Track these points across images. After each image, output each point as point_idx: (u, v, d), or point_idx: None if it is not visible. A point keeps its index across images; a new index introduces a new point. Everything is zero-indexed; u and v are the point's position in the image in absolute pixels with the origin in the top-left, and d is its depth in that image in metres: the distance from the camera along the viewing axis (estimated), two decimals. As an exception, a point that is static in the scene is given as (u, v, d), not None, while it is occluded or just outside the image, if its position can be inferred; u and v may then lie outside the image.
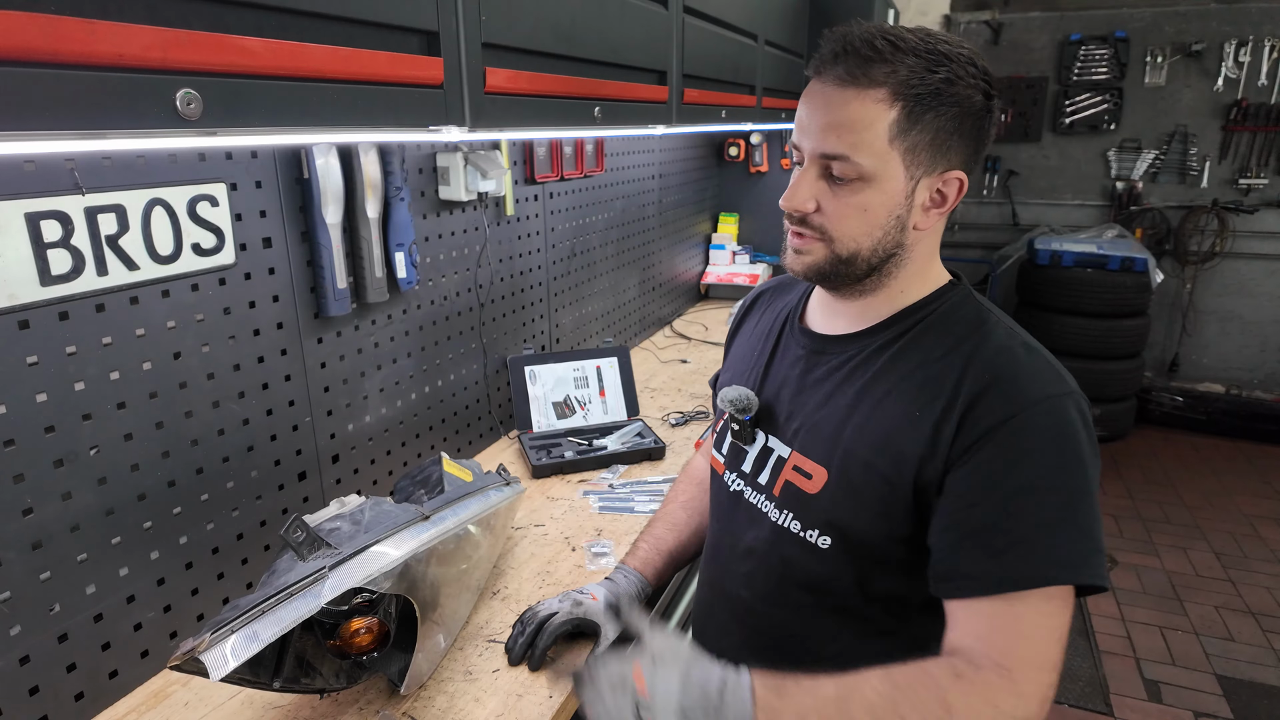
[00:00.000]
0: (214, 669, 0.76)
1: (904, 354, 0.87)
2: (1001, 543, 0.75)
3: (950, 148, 0.81)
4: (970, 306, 0.88)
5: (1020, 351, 0.82)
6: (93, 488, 1.01)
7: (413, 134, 1.00)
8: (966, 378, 0.80)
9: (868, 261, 0.85)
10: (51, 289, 0.93)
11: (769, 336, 1.04)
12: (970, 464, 0.77)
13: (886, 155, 0.80)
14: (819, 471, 0.88)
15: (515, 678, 1.09)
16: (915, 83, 0.78)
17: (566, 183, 2.15)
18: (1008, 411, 0.76)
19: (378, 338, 1.51)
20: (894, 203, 0.82)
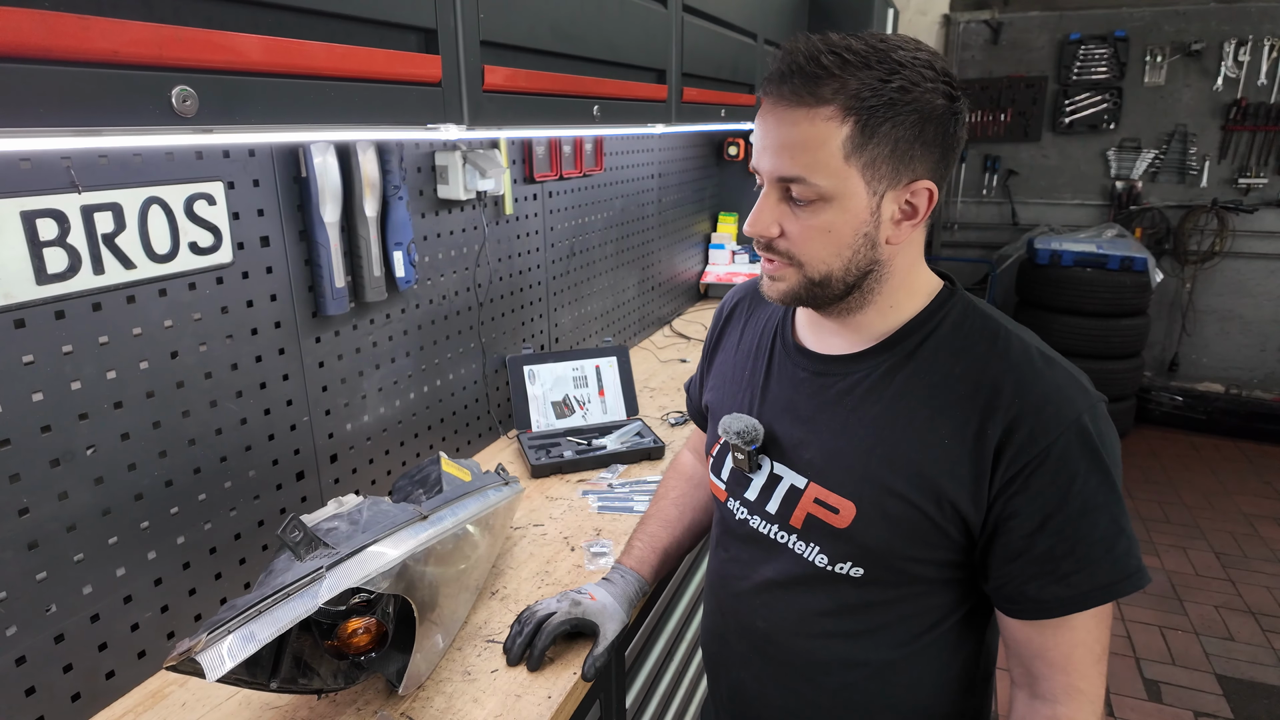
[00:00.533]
0: (210, 670, 0.76)
1: (918, 376, 0.84)
2: (1067, 567, 0.78)
3: (913, 157, 0.77)
4: (975, 317, 0.86)
5: (1041, 365, 0.80)
6: (89, 487, 1.01)
7: (411, 132, 0.99)
8: (998, 404, 0.78)
9: (843, 281, 0.82)
10: (47, 288, 0.93)
11: (758, 354, 1.00)
12: (1021, 495, 0.78)
13: (844, 173, 0.76)
14: (846, 505, 0.86)
15: (514, 678, 1.08)
16: (867, 95, 0.74)
17: (565, 182, 2.15)
18: (1047, 439, 0.76)
19: (376, 337, 1.50)
20: (859, 220, 0.79)
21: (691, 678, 1.72)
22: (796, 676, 0.95)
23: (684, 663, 1.66)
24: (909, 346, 0.85)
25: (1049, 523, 0.77)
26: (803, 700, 0.95)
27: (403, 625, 1.06)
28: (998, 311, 0.88)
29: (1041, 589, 0.79)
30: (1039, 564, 0.78)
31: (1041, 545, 0.78)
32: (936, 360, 0.84)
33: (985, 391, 0.79)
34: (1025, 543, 0.78)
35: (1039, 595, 0.79)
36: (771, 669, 0.97)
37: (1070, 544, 0.77)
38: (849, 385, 0.88)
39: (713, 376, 1.10)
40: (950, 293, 0.88)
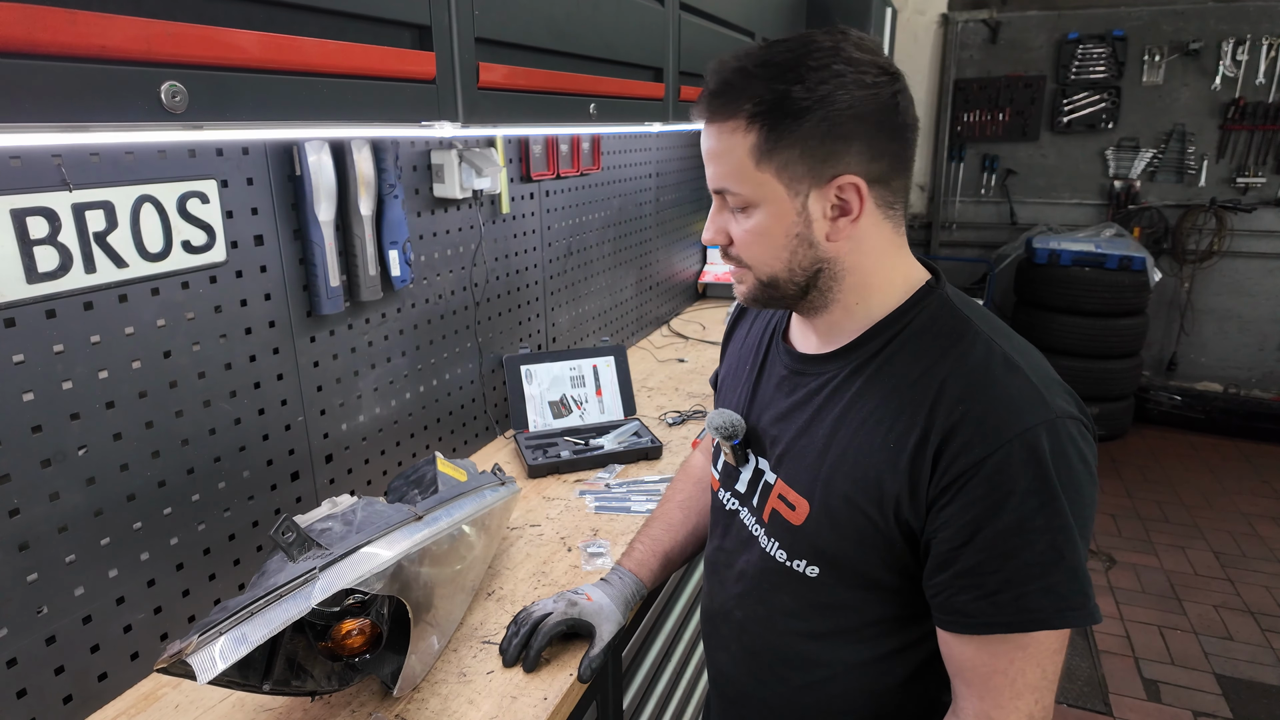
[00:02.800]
0: (201, 672, 0.75)
1: (879, 376, 0.82)
2: (993, 584, 0.74)
3: (830, 154, 0.76)
4: (947, 315, 0.82)
5: (998, 371, 0.76)
6: (81, 488, 1.00)
7: (405, 129, 0.99)
8: (940, 409, 0.76)
9: (791, 282, 0.83)
10: (38, 286, 0.92)
11: (757, 352, 1.01)
12: (953, 506, 0.74)
13: (759, 179, 0.78)
14: (801, 503, 0.87)
15: (510, 679, 1.07)
16: (768, 102, 0.75)
17: (563, 181, 2.14)
18: (984, 450, 0.72)
19: (371, 336, 1.50)
20: (788, 222, 0.79)
21: (690, 677, 1.71)
22: (766, 668, 0.97)
23: (681, 663, 1.65)
24: (875, 347, 0.84)
25: (978, 537, 0.73)
26: (771, 691, 0.97)
27: (397, 626, 1.05)
28: (982, 312, 0.85)
29: (968, 603, 0.75)
30: (966, 578, 0.75)
31: (969, 559, 0.74)
32: (897, 361, 0.82)
33: (932, 394, 0.77)
34: (953, 555, 0.75)
35: (965, 608, 0.76)
36: (746, 657, 0.99)
37: (998, 562, 0.73)
38: (818, 385, 0.88)
39: (724, 371, 1.13)
40: (929, 290, 0.85)
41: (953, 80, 4.96)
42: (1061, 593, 0.73)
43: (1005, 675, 0.76)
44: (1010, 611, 0.73)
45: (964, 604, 0.76)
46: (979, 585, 0.74)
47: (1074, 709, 2.45)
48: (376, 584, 0.92)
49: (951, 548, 0.75)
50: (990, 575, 0.73)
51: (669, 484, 1.33)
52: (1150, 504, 3.76)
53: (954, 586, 0.76)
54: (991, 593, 0.74)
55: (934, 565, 0.78)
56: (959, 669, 0.80)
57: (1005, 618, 0.74)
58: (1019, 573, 0.73)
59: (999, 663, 0.76)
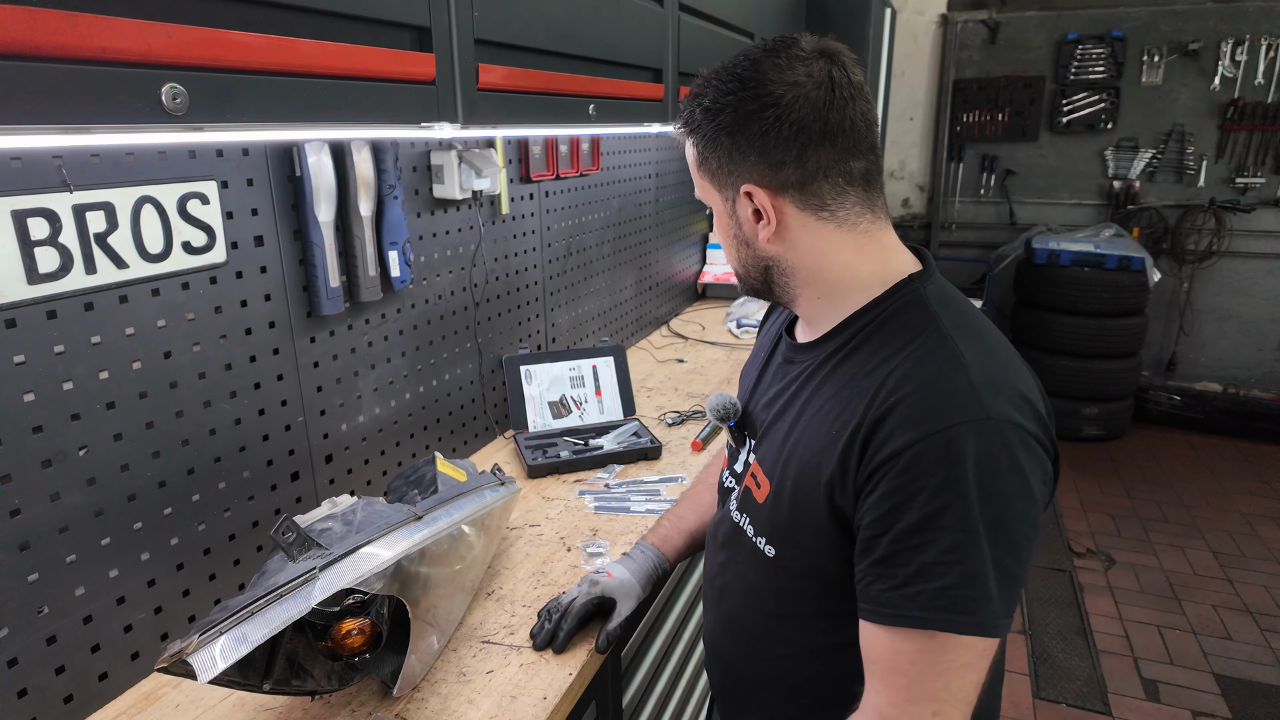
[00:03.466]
0: (202, 671, 0.75)
1: (841, 367, 0.85)
2: (902, 576, 0.73)
3: (736, 163, 0.83)
4: (915, 311, 0.82)
5: (940, 368, 0.76)
6: (82, 488, 1.00)
7: (405, 130, 0.99)
8: (876, 399, 0.76)
9: (750, 277, 0.92)
10: (39, 287, 0.92)
11: (771, 341, 1.06)
12: (874, 494, 0.75)
13: (704, 186, 0.89)
14: (765, 483, 0.91)
15: (509, 679, 1.08)
16: (697, 116, 0.85)
17: (562, 181, 2.14)
18: (904, 441, 0.72)
19: (371, 337, 1.50)
20: (726, 224, 0.89)
21: (689, 677, 1.71)
22: (737, 637, 1.01)
23: (681, 661, 1.66)
24: (845, 338, 0.86)
25: (892, 528, 0.73)
26: (741, 658, 1.01)
27: (397, 626, 1.05)
28: (959, 311, 0.83)
29: (881, 593, 0.75)
30: (881, 566, 0.75)
31: (884, 549, 0.74)
32: (861, 353, 0.83)
33: (875, 385, 0.78)
34: (873, 542, 0.76)
35: (876, 597, 0.76)
36: (721, 624, 1.04)
37: (907, 556, 0.73)
38: (798, 372, 0.93)
39: None
40: (906, 284, 0.85)
41: (952, 80, 4.97)
42: (957, 598, 0.71)
43: (906, 675, 0.75)
44: (912, 607, 0.72)
45: (878, 593, 0.75)
46: (891, 575, 0.74)
47: (1073, 709, 2.45)
48: (376, 584, 0.92)
49: (872, 535, 0.76)
50: (900, 568, 0.73)
51: (705, 468, 1.38)
52: (1149, 504, 3.76)
53: (871, 574, 0.76)
54: (900, 584, 0.73)
55: (858, 551, 0.78)
56: (868, 658, 0.79)
57: (908, 611, 0.73)
58: (924, 570, 0.72)
59: (901, 660, 0.75)
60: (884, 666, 0.77)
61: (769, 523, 0.90)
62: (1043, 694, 2.51)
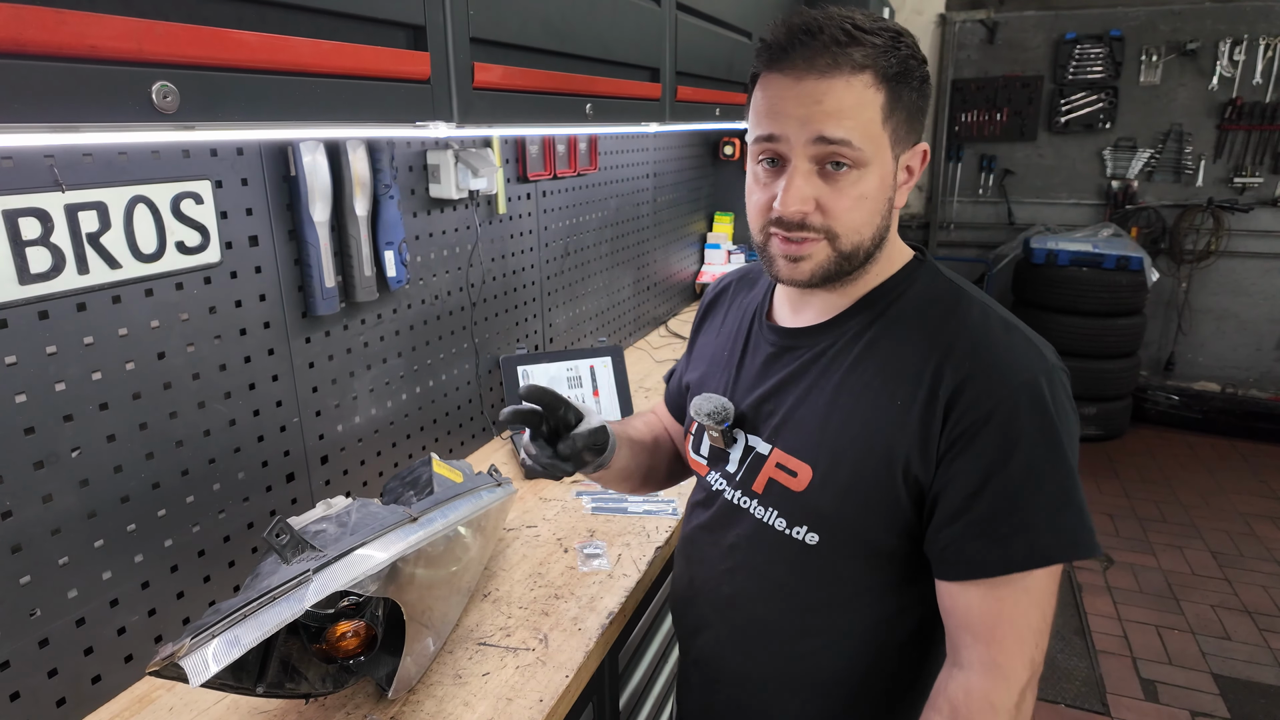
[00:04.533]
0: (194, 674, 0.74)
1: (879, 342, 0.85)
2: (1006, 529, 0.77)
3: (915, 121, 0.83)
4: (942, 283, 0.87)
5: (998, 331, 0.81)
6: (74, 490, 1.00)
7: (399, 130, 0.98)
8: (947, 367, 0.79)
9: (867, 252, 0.83)
10: (31, 288, 0.92)
11: (738, 336, 1.02)
12: (964, 456, 0.77)
13: (880, 138, 0.79)
14: (803, 469, 0.87)
15: (505, 681, 1.07)
16: (891, 62, 0.77)
17: (560, 181, 2.14)
18: (993, 401, 0.76)
19: (367, 337, 1.49)
20: (887, 185, 0.82)
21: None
22: (754, 642, 0.97)
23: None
24: (873, 315, 0.87)
25: (990, 483, 0.77)
26: (758, 665, 0.97)
27: (392, 628, 1.04)
28: (966, 281, 0.90)
29: (979, 550, 0.78)
30: (979, 525, 0.78)
31: (982, 506, 0.77)
32: (897, 327, 0.85)
33: (939, 352, 0.80)
34: (966, 503, 0.78)
35: (975, 556, 0.78)
36: (732, 633, 0.99)
37: (1011, 506, 0.76)
38: (814, 354, 0.90)
39: (695, 360, 1.12)
40: (919, 263, 0.90)
41: (950, 80, 4.96)
42: (1071, 528, 0.77)
43: (1011, 621, 0.78)
44: (1020, 551, 0.76)
45: (975, 551, 0.78)
46: (991, 532, 0.77)
47: (1072, 709, 2.45)
48: (371, 586, 0.92)
49: (965, 495, 0.78)
50: (1003, 520, 0.77)
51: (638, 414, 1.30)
52: (1148, 504, 3.76)
53: (965, 535, 0.78)
54: (1003, 537, 0.77)
55: (944, 517, 0.80)
56: (965, 620, 0.81)
57: (1016, 556, 0.77)
58: (1031, 515, 0.76)
59: (1005, 607, 0.78)
60: (988, 620, 0.79)
61: (814, 508, 0.87)
62: (1041, 694, 2.51)
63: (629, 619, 1.27)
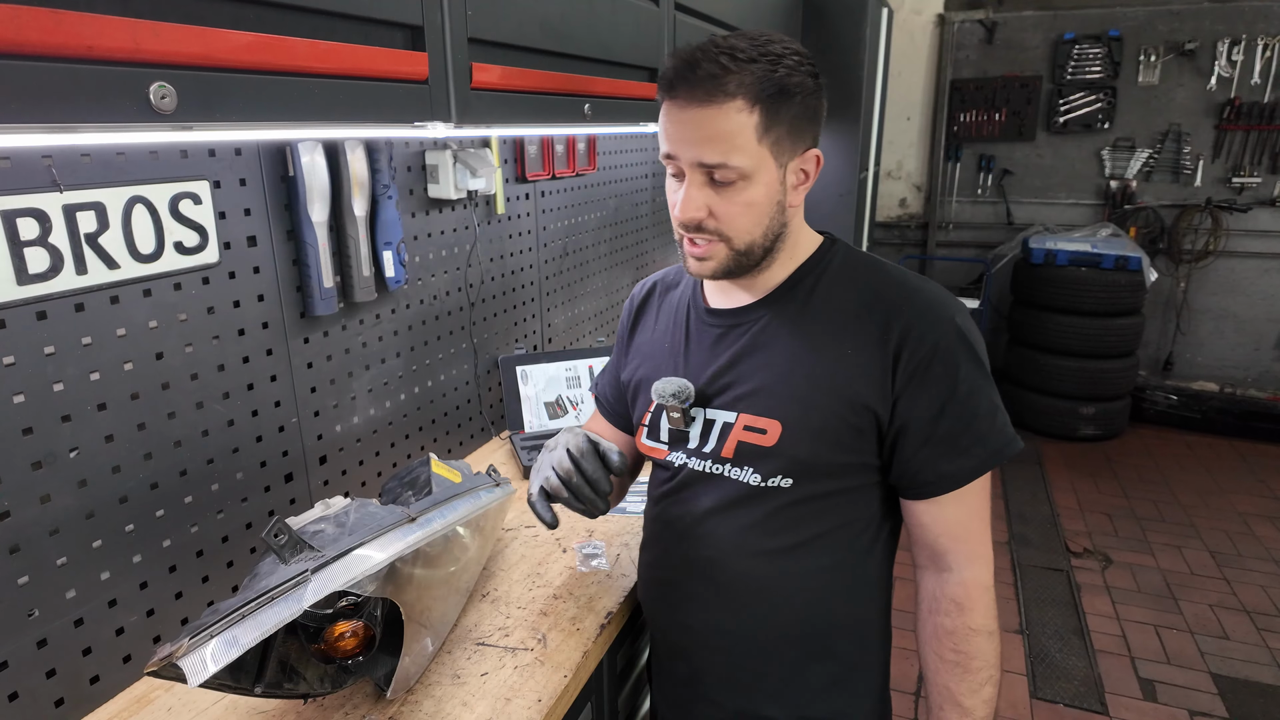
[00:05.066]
0: (192, 675, 0.74)
1: (815, 304, 0.99)
2: (966, 441, 0.93)
3: (803, 131, 0.92)
4: (855, 256, 1.03)
5: (917, 282, 0.97)
6: (72, 490, 1.00)
7: (398, 130, 0.98)
8: (891, 315, 0.93)
9: (762, 247, 0.95)
10: (29, 288, 0.92)
11: (675, 328, 1.11)
12: (922, 388, 0.92)
13: (758, 153, 0.89)
14: (772, 425, 0.97)
15: (504, 681, 1.07)
16: (765, 86, 0.87)
17: (558, 181, 2.14)
18: (934, 339, 0.92)
19: (365, 337, 1.49)
20: (773, 191, 0.93)
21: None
22: (743, 599, 1.04)
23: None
24: (807, 286, 1.00)
25: (947, 407, 0.92)
26: (754, 621, 1.04)
27: (391, 628, 1.04)
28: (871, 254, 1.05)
29: (949, 463, 0.93)
30: (945, 444, 0.93)
31: (944, 427, 0.93)
32: (832, 292, 0.99)
33: (880, 307, 0.95)
34: (931, 428, 0.93)
35: (947, 470, 0.94)
36: (721, 597, 1.05)
37: (965, 422, 0.93)
38: (760, 328, 1.01)
39: (633, 358, 1.19)
40: (832, 242, 1.04)
41: (949, 80, 4.97)
42: (1005, 428, 0.95)
43: (979, 515, 0.98)
44: (981, 456, 0.94)
45: (946, 466, 0.94)
46: (954, 447, 0.93)
47: (1070, 709, 2.45)
48: (369, 586, 0.92)
49: (927, 420, 0.93)
50: (961, 435, 0.93)
51: None
52: (1146, 503, 3.76)
53: (935, 454, 0.93)
54: (965, 449, 0.93)
55: (912, 444, 0.94)
56: (946, 527, 0.98)
57: (981, 463, 0.94)
58: (979, 425, 0.93)
59: (973, 506, 0.97)
60: (963, 523, 0.97)
61: (789, 456, 0.96)
62: (1040, 694, 2.51)
63: (627, 619, 1.27)
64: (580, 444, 1.10)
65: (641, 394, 1.13)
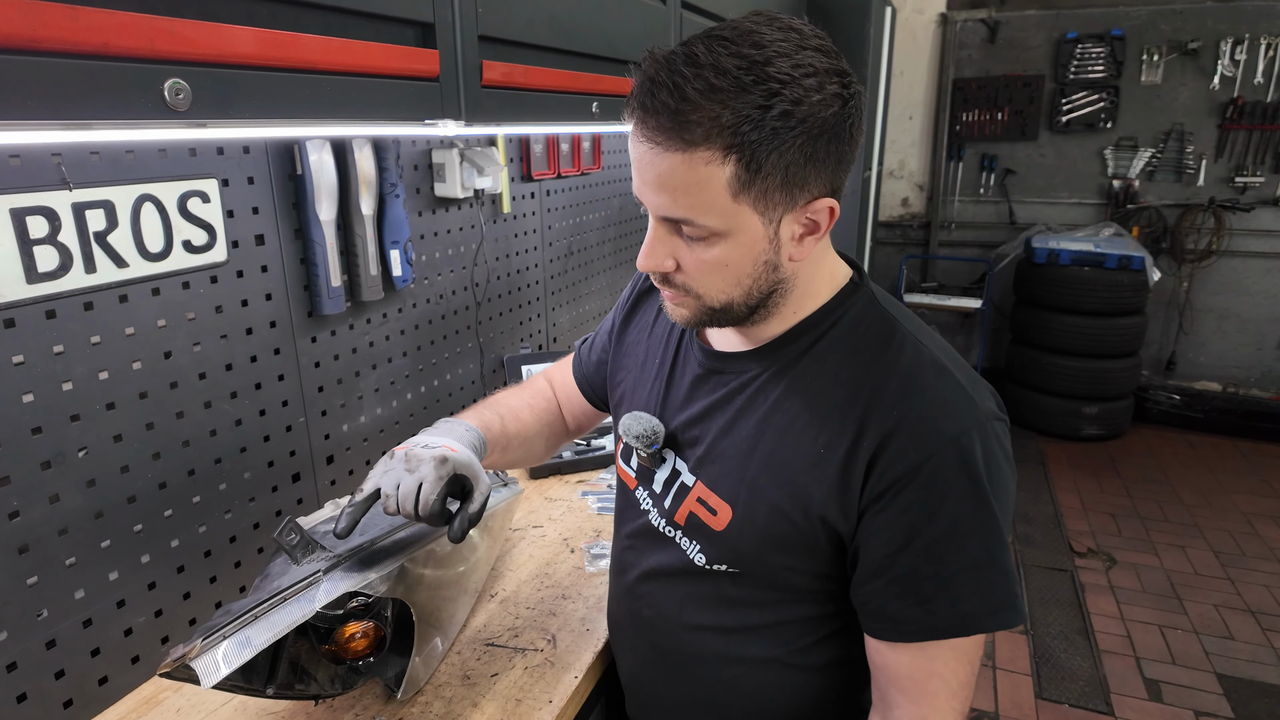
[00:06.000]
0: (205, 676, 0.74)
1: (806, 378, 0.80)
2: (929, 590, 0.73)
3: (806, 178, 0.69)
4: (874, 316, 0.80)
5: (928, 376, 0.75)
6: (81, 490, 0.99)
7: (408, 128, 0.98)
8: (874, 414, 0.74)
9: (745, 305, 0.77)
10: (38, 287, 0.91)
11: (668, 345, 0.96)
12: (888, 512, 0.73)
13: (733, 211, 0.69)
14: (723, 508, 0.83)
15: (514, 682, 1.07)
16: (747, 129, 0.65)
17: (564, 180, 2.13)
18: (920, 456, 0.71)
19: (373, 336, 1.49)
20: (756, 251, 0.73)
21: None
22: (677, 668, 0.94)
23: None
24: (802, 346, 0.81)
25: (914, 542, 0.73)
26: (683, 692, 0.95)
27: (401, 629, 1.04)
28: (905, 311, 0.84)
29: (902, 610, 0.75)
30: (901, 584, 0.74)
31: (904, 565, 0.73)
32: (826, 363, 0.79)
33: (864, 398, 0.75)
34: (888, 561, 0.74)
35: (898, 616, 0.75)
36: (656, 657, 0.97)
37: (934, 567, 0.73)
38: (740, 384, 0.84)
39: (624, 355, 1.05)
40: (854, 289, 0.82)
41: (951, 80, 4.96)
42: (995, 593, 0.73)
43: (941, 678, 0.76)
44: (945, 617, 0.73)
45: (898, 611, 0.75)
46: (914, 591, 0.74)
47: (1075, 709, 2.44)
48: (381, 586, 0.91)
49: (886, 554, 0.74)
50: (925, 581, 0.73)
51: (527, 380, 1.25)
52: (1150, 503, 3.76)
53: (887, 593, 0.75)
54: (926, 598, 0.73)
55: (866, 572, 0.77)
56: (893, 677, 0.79)
57: (941, 623, 0.74)
58: (954, 577, 0.73)
59: (935, 666, 0.76)
60: (917, 678, 0.77)
61: (733, 548, 0.83)
62: (1045, 694, 2.51)
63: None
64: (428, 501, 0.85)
65: (621, 412, 1.00)
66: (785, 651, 0.87)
